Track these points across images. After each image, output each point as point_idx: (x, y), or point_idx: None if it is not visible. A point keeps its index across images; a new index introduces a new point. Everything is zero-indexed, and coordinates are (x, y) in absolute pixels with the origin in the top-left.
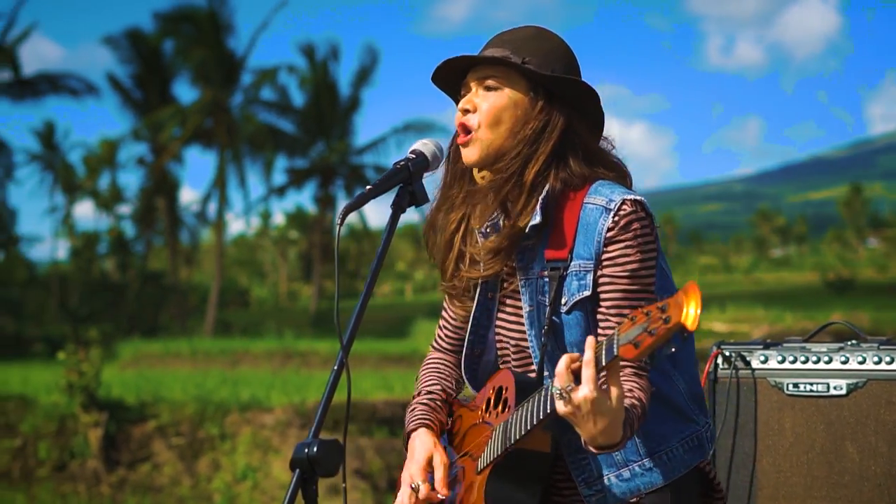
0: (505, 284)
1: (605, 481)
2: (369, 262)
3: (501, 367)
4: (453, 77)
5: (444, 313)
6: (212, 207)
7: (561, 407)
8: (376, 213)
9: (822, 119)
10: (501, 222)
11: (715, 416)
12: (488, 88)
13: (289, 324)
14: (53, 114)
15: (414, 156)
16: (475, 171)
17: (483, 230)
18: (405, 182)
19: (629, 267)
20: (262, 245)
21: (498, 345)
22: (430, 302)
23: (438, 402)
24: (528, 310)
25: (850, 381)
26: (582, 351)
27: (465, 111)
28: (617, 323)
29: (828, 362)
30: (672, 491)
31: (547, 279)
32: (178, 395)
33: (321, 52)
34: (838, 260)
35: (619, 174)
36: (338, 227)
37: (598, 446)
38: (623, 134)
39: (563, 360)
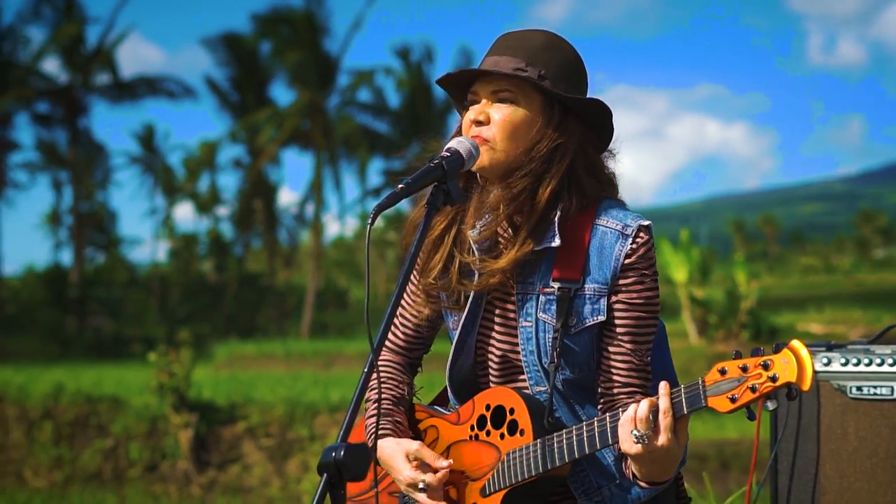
0: (496, 293)
1: (606, 491)
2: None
3: (479, 377)
4: (461, 81)
5: (402, 305)
6: (309, 209)
7: (634, 448)
8: None
9: None
10: (501, 236)
11: (777, 420)
12: (501, 100)
13: (360, 327)
14: (151, 116)
15: (449, 154)
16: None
17: (481, 244)
18: (440, 180)
19: (645, 294)
20: (360, 247)
21: (478, 352)
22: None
23: (399, 418)
24: (525, 325)
25: None
26: (587, 374)
27: (479, 123)
28: (630, 350)
29: (892, 364)
30: (659, 500)
31: (555, 297)
32: (269, 396)
33: (416, 53)
34: None
35: (615, 191)
36: (368, 226)
37: (650, 482)
38: (723, 134)
39: (644, 405)
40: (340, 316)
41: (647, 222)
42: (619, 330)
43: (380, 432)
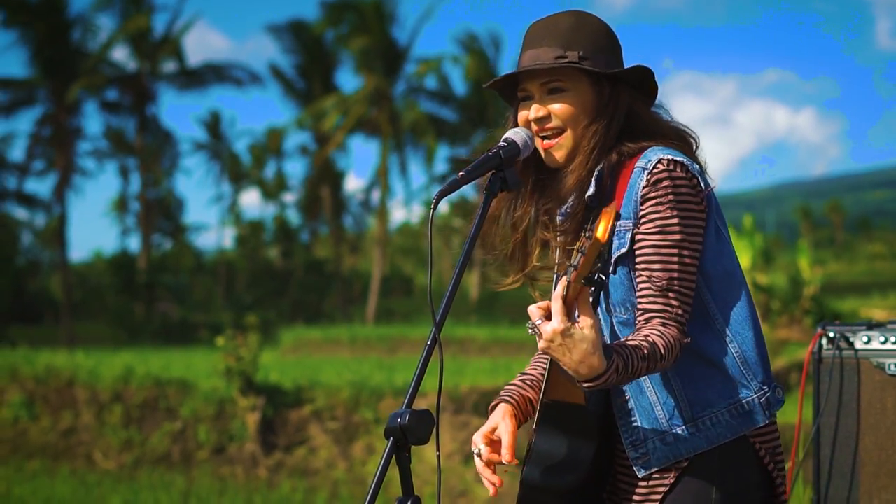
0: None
1: (651, 444)
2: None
3: None
4: (509, 83)
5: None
6: (375, 196)
7: (539, 343)
8: None
9: None
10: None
11: (819, 395)
12: (552, 91)
13: (452, 311)
14: (218, 103)
15: (506, 143)
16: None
17: (562, 212)
18: (497, 168)
19: (658, 222)
20: (425, 233)
21: None
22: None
23: (528, 381)
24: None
25: None
26: (629, 310)
27: (540, 119)
28: (647, 277)
29: None
30: (719, 459)
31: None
32: (335, 380)
33: (483, 41)
34: None
35: (682, 140)
36: (431, 210)
37: (583, 379)
38: (791, 120)
39: (533, 306)
40: (406, 302)
41: (668, 156)
42: (638, 259)
43: (502, 396)
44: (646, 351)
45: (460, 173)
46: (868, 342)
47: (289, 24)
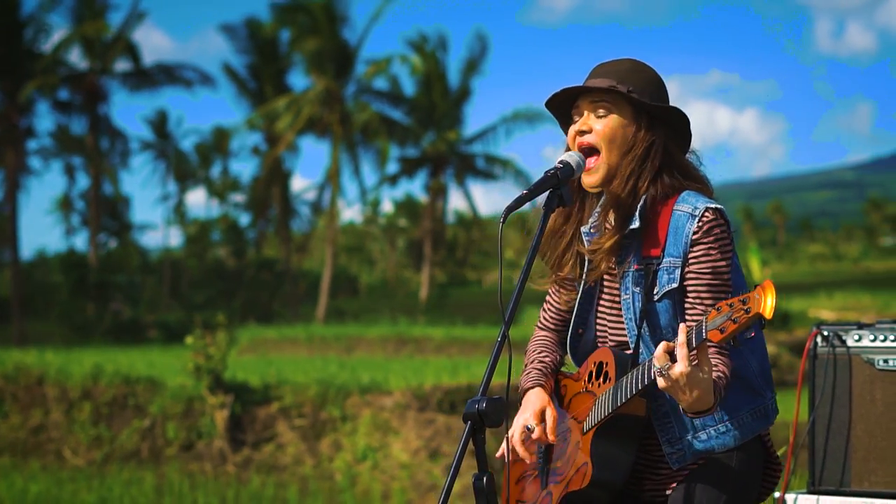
0: (605, 276)
1: (685, 442)
2: (478, 251)
3: (599, 345)
4: (565, 103)
5: (549, 298)
6: (322, 195)
7: (661, 382)
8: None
9: None
10: (604, 225)
11: (815, 389)
12: (599, 111)
13: (400, 311)
14: (168, 104)
15: (562, 165)
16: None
17: (588, 231)
18: (555, 187)
19: (710, 264)
20: (370, 233)
21: (597, 326)
22: (539, 289)
23: (548, 371)
24: (624, 297)
25: None
26: (671, 334)
27: (582, 132)
28: (702, 311)
29: None
30: (738, 451)
31: (643, 272)
32: (301, 378)
33: (432, 42)
34: None
35: (704, 186)
36: (500, 223)
37: (694, 412)
38: (734, 121)
39: (661, 346)
40: (354, 302)
41: (715, 205)
42: (690, 295)
43: (537, 380)
44: (724, 381)
45: (524, 191)
46: (859, 340)
47: (243, 24)
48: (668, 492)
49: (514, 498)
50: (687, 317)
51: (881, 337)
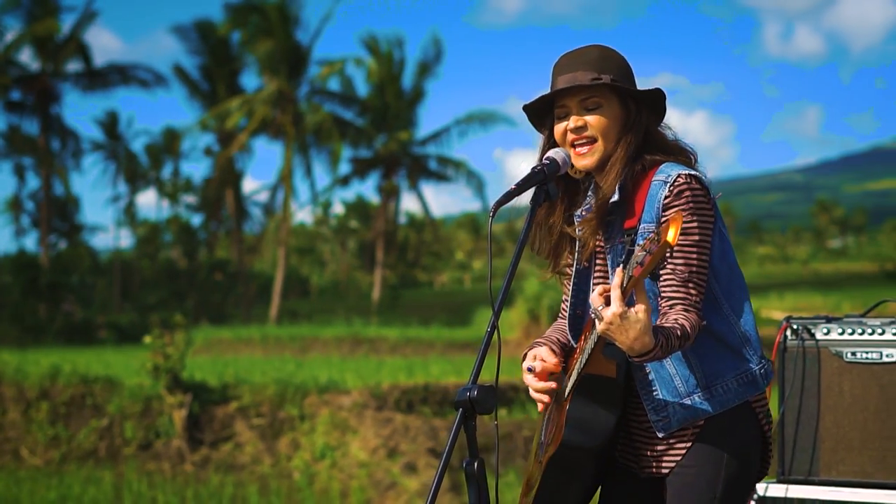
0: (598, 255)
1: (670, 409)
2: (430, 252)
3: None
4: (544, 103)
5: (563, 291)
6: (271, 196)
7: (599, 326)
8: (437, 203)
9: (881, 108)
10: (591, 205)
11: (784, 381)
12: (589, 108)
13: (352, 312)
14: (119, 105)
15: (548, 161)
16: (574, 171)
17: (579, 214)
18: (541, 182)
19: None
20: (321, 234)
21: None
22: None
23: (551, 341)
24: (611, 272)
25: None
26: (652, 299)
27: (579, 129)
28: (671, 270)
29: (881, 334)
30: (728, 421)
31: (623, 244)
32: (258, 378)
33: (385, 44)
34: None
35: (687, 157)
36: (490, 217)
37: (636, 355)
38: (683, 123)
39: (597, 289)
40: (305, 303)
41: (689, 171)
42: None
43: (537, 341)
44: (679, 332)
45: (512, 186)
46: (827, 333)
47: (195, 25)
48: (665, 470)
49: (526, 479)
50: (660, 278)
51: (849, 330)
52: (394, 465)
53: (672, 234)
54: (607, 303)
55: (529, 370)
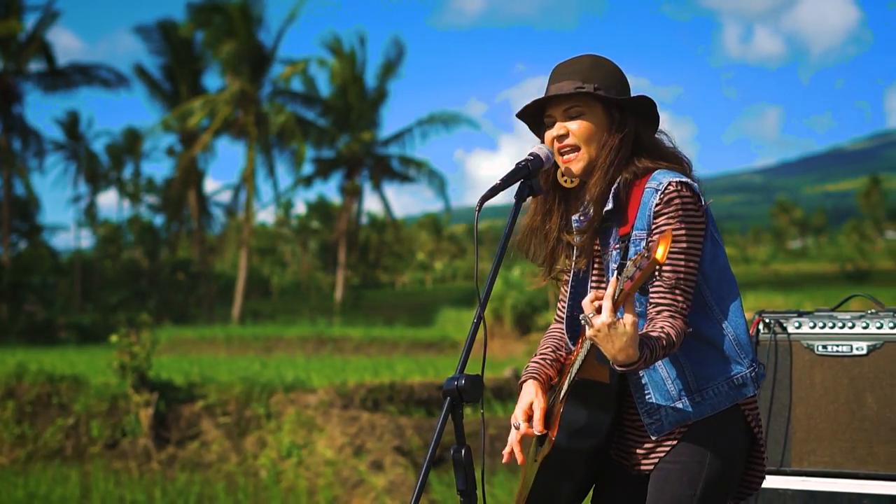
0: (594, 259)
1: (662, 412)
2: (391, 252)
3: None
4: (536, 111)
5: (560, 295)
6: (232, 197)
7: (588, 332)
8: (398, 204)
9: (840, 110)
10: (587, 213)
11: None
12: (572, 116)
13: (315, 312)
14: (81, 105)
15: (532, 157)
16: (564, 179)
17: (577, 220)
18: (526, 178)
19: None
20: (282, 235)
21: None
22: (453, 290)
23: (549, 361)
24: (607, 277)
25: (869, 343)
26: (643, 305)
27: (561, 137)
28: (658, 278)
29: (851, 327)
30: (716, 422)
31: (618, 250)
32: (225, 376)
33: (348, 44)
34: (856, 251)
35: (680, 165)
36: (476, 212)
37: (619, 364)
38: None
39: (590, 295)
40: (267, 303)
41: (680, 179)
42: None
43: (531, 373)
44: (664, 341)
45: (497, 181)
46: (799, 327)
47: (157, 25)
48: (652, 467)
49: (523, 475)
50: (650, 287)
51: (820, 324)
52: (360, 463)
53: (661, 252)
54: (598, 311)
55: (516, 428)
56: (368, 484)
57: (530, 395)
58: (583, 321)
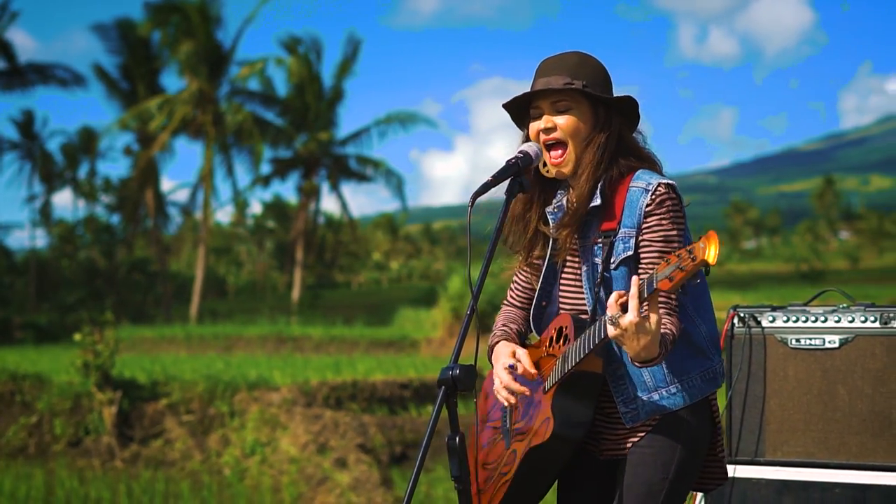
0: (568, 252)
1: (639, 402)
2: (347, 252)
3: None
4: (521, 103)
5: (516, 278)
6: (189, 196)
7: (611, 331)
8: (355, 203)
9: (795, 111)
10: (565, 204)
11: (732, 366)
12: (560, 110)
13: (272, 311)
14: (35, 104)
15: (522, 155)
16: (545, 169)
17: (552, 212)
18: (516, 174)
19: (662, 233)
20: (238, 234)
21: (560, 299)
22: (409, 290)
23: (511, 334)
24: (584, 269)
25: (841, 336)
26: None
27: (547, 129)
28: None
29: (824, 321)
30: (689, 414)
31: (601, 244)
32: (187, 375)
33: (305, 44)
34: (810, 251)
35: (654, 164)
36: (469, 207)
37: (640, 361)
38: None
39: (613, 295)
40: (224, 303)
41: (667, 181)
42: (643, 261)
43: (501, 337)
44: (670, 338)
45: (489, 178)
46: (773, 321)
47: (115, 24)
48: (624, 452)
49: (480, 461)
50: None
51: (793, 318)
52: (324, 460)
53: (713, 254)
54: (623, 310)
55: (511, 368)
56: (333, 481)
57: (511, 346)
58: (609, 321)
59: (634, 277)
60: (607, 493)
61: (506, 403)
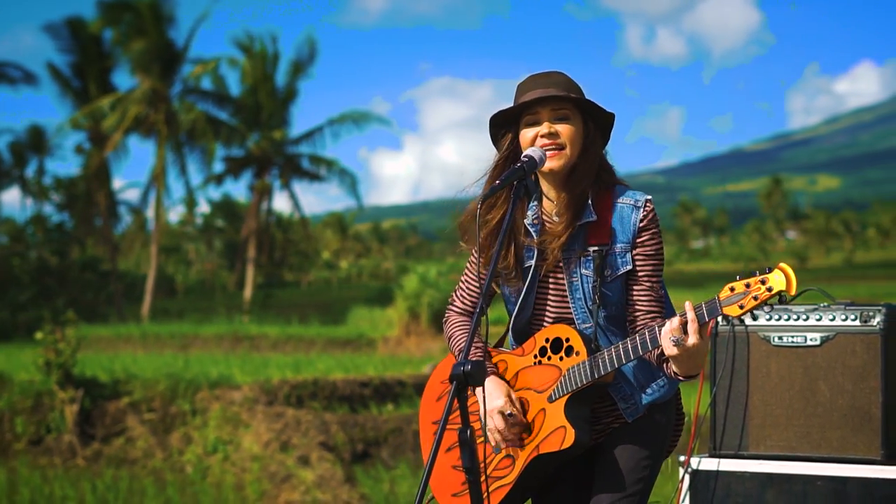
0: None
1: (636, 398)
2: (298, 251)
3: (534, 324)
4: (510, 116)
5: (468, 284)
6: (141, 195)
7: (673, 351)
8: (304, 202)
9: (742, 111)
10: (552, 217)
11: (716, 363)
12: (559, 119)
13: (223, 311)
14: None
15: (527, 159)
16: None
17: (531, 223)
18: (521, 178)
19: (655, 247)
20: (186, 233)
21: (535, 307)
22: (360, 289)
23: (490, 356)
24: (572, 280)
25: (822, 334)
26: (620, 310)
27: (552, 135)
28: (649, 286)
29: (805, 320)
30: (664, 402)
31: (591, 257)
32: (148, 373)
33: (258, 43)
34: (758, 251)
35: (622, 180)
36: (478, 209)
37: (686, 375)
38: None
39: (676, 320)
40: (174, 302)
41: (650, 197)
42: (640, 273)
43: (490, 369)
44: None
45: (497, 181)
46: (756, 319)
47: (65, 23)
48: (602, 438)
49: (448, 464)
50: (634, 292)
51: (776, 316)
52: (288, 458)
53: (794, 286)
54: (683, 331)
55: (510, 416)
56: (297, 478)
57: (505, 388)
58: (674, 343)
59: (688, 303)
60: (584, 475)
61: (493, 444)
